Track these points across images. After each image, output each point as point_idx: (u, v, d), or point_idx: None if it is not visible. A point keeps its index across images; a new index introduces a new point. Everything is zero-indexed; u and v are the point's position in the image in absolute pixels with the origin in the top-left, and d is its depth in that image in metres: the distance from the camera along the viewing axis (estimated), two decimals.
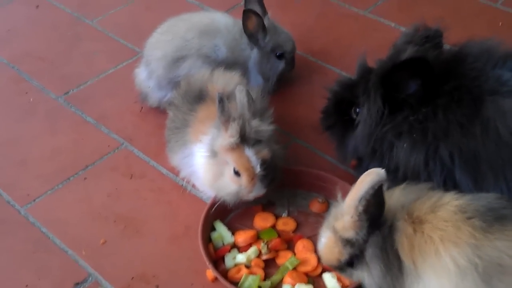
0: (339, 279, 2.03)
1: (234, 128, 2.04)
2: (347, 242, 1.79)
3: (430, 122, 2.04)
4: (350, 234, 1.78)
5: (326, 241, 1.83)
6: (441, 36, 2.21)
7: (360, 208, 1.73)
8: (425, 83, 2.03)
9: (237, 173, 2.08)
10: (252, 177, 2.08)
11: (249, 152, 2.07)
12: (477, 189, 1.97)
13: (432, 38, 2.18)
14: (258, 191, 2.12)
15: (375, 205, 1.74)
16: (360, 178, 1.76)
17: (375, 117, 2.11)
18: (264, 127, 2.13)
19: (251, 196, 2.13)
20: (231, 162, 2.09)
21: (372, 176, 1.73)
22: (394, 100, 2.08)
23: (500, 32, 3.02)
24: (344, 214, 1.78)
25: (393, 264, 1.78)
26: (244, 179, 2.08)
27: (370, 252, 1.79)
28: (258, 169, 2.08)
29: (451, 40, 2.23)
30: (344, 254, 1.81)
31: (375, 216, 1.76)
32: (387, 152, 2.12)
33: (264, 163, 2.08)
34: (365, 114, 2.14)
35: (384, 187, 1.76)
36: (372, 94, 2.12)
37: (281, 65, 2.77)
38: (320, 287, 2.05)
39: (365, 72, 2.22)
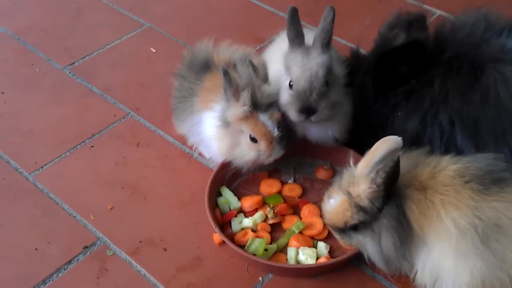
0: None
1: (245, 96, 2.05)
2: (361, 209, 1.81)
3: (426, 90, 2.07)
4: (365, 203, 1.79)
5: (338, 203, 1.84)
6: (424, 19, 2.22)
7: (379, 180, 1.74)
8: (417, 64, 2.08)
9: (253, 139, 2.10)
10: (271, 141, 2.09)
11: (264, 117, 2.09)
12: None
13: (416, 22, 2.20)
14: (277, 153, 2.13)
15: (391, 175, 1.75)
16: (376, 144, 1.77)
17: (359, 99, 2.20)
18: (275, 90, 2.14)
19: (270, 159, 2.14)
20: (246, 130, 2.10)
21: (388, 142, 1.73)
22: (387, 82, 2.13)
23: (506, 2, 3.01)
24: (360, 182, 1.79)
25: (407, 234, 1.80)
26: (262, 144, 2.10)
27: (385, 223, 1.80)
28: (275, 132, 2.09)
29: (452, 10, 2.24)
30: (354, 219, 1.83)
31: (391, 185, 1.78)
32: (384, 125, 2.15)
33: (280, 125, 2.10)
34: (354, 96, 2.22)
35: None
36: (360, 79, 2.21)
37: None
38: None
39: (357, 59, 2.32)
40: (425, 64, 2.09)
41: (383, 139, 1.76)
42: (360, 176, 1.80)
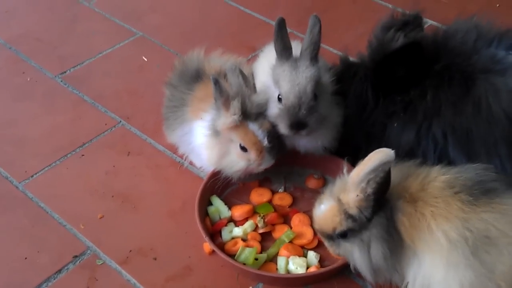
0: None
1: (235, 106, 2.05)
2: (350, 216, 1.80)
3: (419, 102, 2.07)
4: (354, 211, 1.79)
5: (328, 209, 1.84)
6: (421, 19, 2.23)
7: (369, 190, 1.74)
8: (413, 66, 2.07)
9: (243, 148, 2.10)
10: (261, 150, 2.09)
11: (253, 127, 2.09)
12: None
13: (412, 22, 2.21)
14: (267, 162, 2.13)
15: (381, 186, 1.75)
16: (369, 155, 1.76)
17: (357, 106, 2.20)
18: (265, 100, 2.14)
19: (260, 168, 2.14)
20: (236, 139, 2.10)
21: (380, 154, 1.72)
22: (387, 84, 2.13)
23: (498, 12, 3.03)
24: (351, 189, 1.79)
25: (396, 245, 1.79)
26: (252, 154, 2.10)
27: (374, 233, 1.80)
28: (265, 142, 2.09)
29: (443, 20, 2.25)
30: (343, 226, 1.82)
31: (381, 195, 1.78)
32: (381, 133, 2.15)
33: (270, 135, 2.10)
34: (351, 104, 2.22)
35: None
36: (358, 86, 2.20)
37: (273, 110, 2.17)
38: None
39: (348, 66, 2.31)
40: (423, 65, 2.09)
41: (376, 150, 1.76)
42: (351, 184, 1.80)
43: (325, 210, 1.85)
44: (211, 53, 2.53)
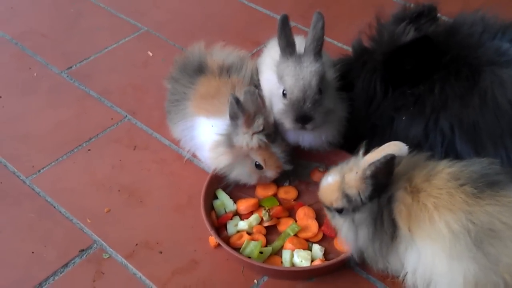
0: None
1: (260, 123, 2.07)
2: (346, 196, 1.84)
3: (427, 96, 2.08)
4: (351, 191, 1.83)
5: (332, 183, 1.89)
6: (435, 10, 2.23)
7: (368, 172, 1.77)
8: (423, 60, 2.08)
9: (259, 166, 2.14)
10: (280, 171, 2.16)
11: (276, 149, 2.13)
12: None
13: (426, 13, 2.21)
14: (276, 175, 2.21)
15: (384, 174, 1.78)
16: (384, 146, 1.81)
17: (365, 98, 2.20)
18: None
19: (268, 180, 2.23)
20: (257, 159, 2.13)
21: (395, 148, 1.77)
22: (396, 78, 2.13)
23: (500, 5, 3.02)
24: (354, 170, 1.83)
25: (386, 232, 1.83)
26: (271, 173, 2.17)
27: (363, 217, 1.84)
28: (286, 167, 2.17)
29: (448, 13, 2.25)
30: (338, 203, 1.87)
31: (381, 184, 1.80)
32: (387, 126, 2.16)
33: (288, 156, 2.16)
34: (358, 96, 2.22)
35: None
36: (367, 78, 2.20)
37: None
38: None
39: (361, 53, 2.30)
40: (434, 59, 2.09)
41: (391, 142, 1.81)
42: (359, 166, 1.84)
43: (328, 184, 1.90)
44: (213, 46, 2.53)
